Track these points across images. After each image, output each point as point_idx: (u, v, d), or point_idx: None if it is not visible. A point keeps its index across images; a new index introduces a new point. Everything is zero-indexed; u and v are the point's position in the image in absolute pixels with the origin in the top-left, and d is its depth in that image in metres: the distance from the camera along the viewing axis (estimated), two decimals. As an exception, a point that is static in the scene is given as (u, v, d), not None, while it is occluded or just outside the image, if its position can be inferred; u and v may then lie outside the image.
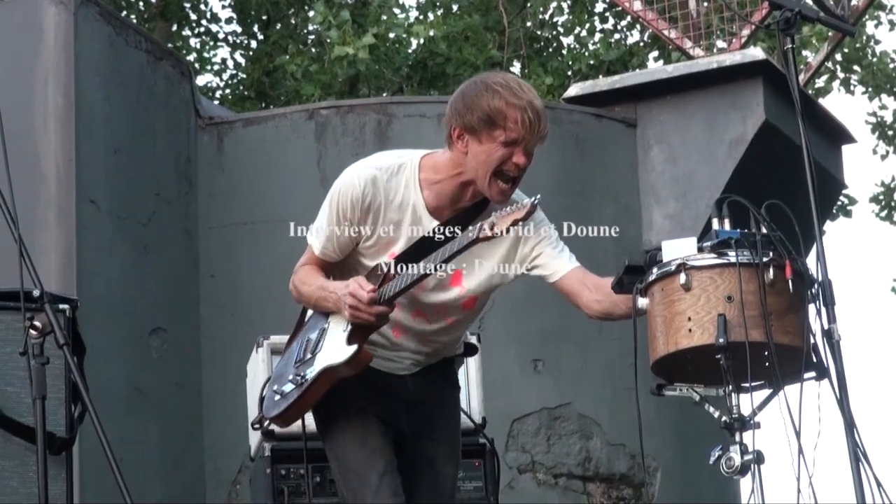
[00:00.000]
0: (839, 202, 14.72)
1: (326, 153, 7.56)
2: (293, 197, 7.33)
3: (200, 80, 15.89)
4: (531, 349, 7.51)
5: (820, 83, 15.95)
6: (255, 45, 16.29)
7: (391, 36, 13.78)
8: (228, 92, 16.28)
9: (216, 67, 16.45)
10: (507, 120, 3.79)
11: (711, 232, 3.79)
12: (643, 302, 3.82)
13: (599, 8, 15.98)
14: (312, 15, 14.07)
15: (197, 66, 15.88)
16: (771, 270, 3.70)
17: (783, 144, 7.67)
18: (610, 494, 7.54)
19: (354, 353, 3.85)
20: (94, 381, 4.11)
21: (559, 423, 7.51)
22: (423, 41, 13.89)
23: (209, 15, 16.24)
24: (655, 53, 15.38)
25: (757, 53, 7.89)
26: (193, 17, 16.13)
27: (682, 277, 3.73)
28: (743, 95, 7.85)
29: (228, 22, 16.32)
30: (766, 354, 3.67)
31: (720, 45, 9.34)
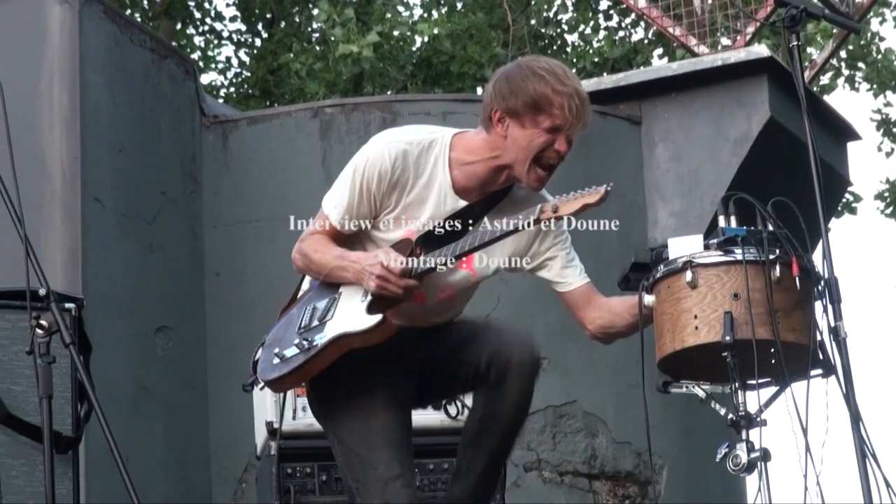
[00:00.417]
0: (844, 199, 14.69)
1: (331, 151, 7.55)
2: (298, 195, 7.31)
3: (205, 78, 15.91)
4: (536, 347, 7.49)
5: (825, 80, 15.93)
6: (259, 43, 16.29)
7: (395, 34, 13.76)
8: (233, 90, 16.28)
9: (221, 66, 16.46)
10: (552, 106, 3.72)
11: (718, 229, 3.79)
12: (649, 299, 3.82)
13: (604, 5, 15.99)
14: (317, 13, 14.07)
15: (201, 64, 15.86)
16: (777, 268, 3.70)
17: (788, 142, 7.65)
18: (616, 492, 7.53)
19: (378, 322, 3.72)
20: (100, 379, 4.10)
21: (565, 420, 7.49)
22: (427, 39, 13.87)
23: (213, 13, 16.24)
24: (660, 51, 15.38)
25: (762, 51, 7.87)
26: (198, 15, 16.13)
27: (688, 275, 3.73)
28: (748, 93, 7.83)
29: (233, 20, 16.32)
30: (772, 352, 3.67)
31: (725, 42, 9.34)
